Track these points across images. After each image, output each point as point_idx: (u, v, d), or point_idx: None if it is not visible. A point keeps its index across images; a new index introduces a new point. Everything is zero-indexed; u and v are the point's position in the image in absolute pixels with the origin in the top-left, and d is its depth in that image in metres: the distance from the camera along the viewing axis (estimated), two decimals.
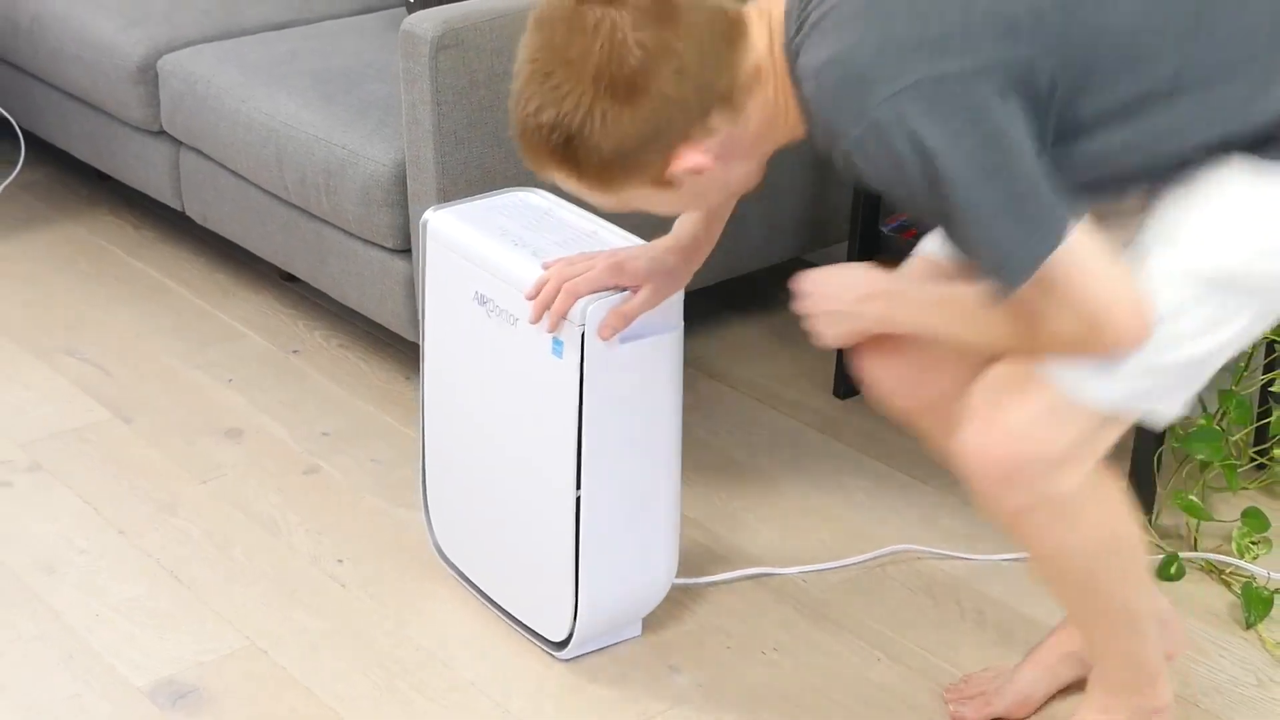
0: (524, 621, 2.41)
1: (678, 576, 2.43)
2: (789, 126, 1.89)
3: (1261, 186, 1.83)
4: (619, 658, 2.38)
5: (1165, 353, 1.83)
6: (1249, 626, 2.44)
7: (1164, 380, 1.87)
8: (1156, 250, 1.85)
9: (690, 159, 1.83)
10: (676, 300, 2.23)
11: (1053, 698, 2.25)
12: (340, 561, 2.60)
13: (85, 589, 2.52)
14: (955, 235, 1.79)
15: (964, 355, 2.00)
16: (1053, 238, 1.75)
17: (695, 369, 3.11)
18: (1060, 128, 1.78)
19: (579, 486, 2.22)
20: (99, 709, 2.28)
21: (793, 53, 1.83)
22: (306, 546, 2.63)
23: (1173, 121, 1.81)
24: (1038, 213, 1.75)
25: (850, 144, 1.75)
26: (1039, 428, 1.86)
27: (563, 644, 2.34)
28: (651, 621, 2.44)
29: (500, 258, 2.26)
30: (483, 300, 2.28)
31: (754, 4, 1.89)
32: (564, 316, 2.14)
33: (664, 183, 1.86)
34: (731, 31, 1.84)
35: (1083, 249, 1.77)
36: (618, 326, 2.15)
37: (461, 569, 2.50)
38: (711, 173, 1.87)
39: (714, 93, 1.83)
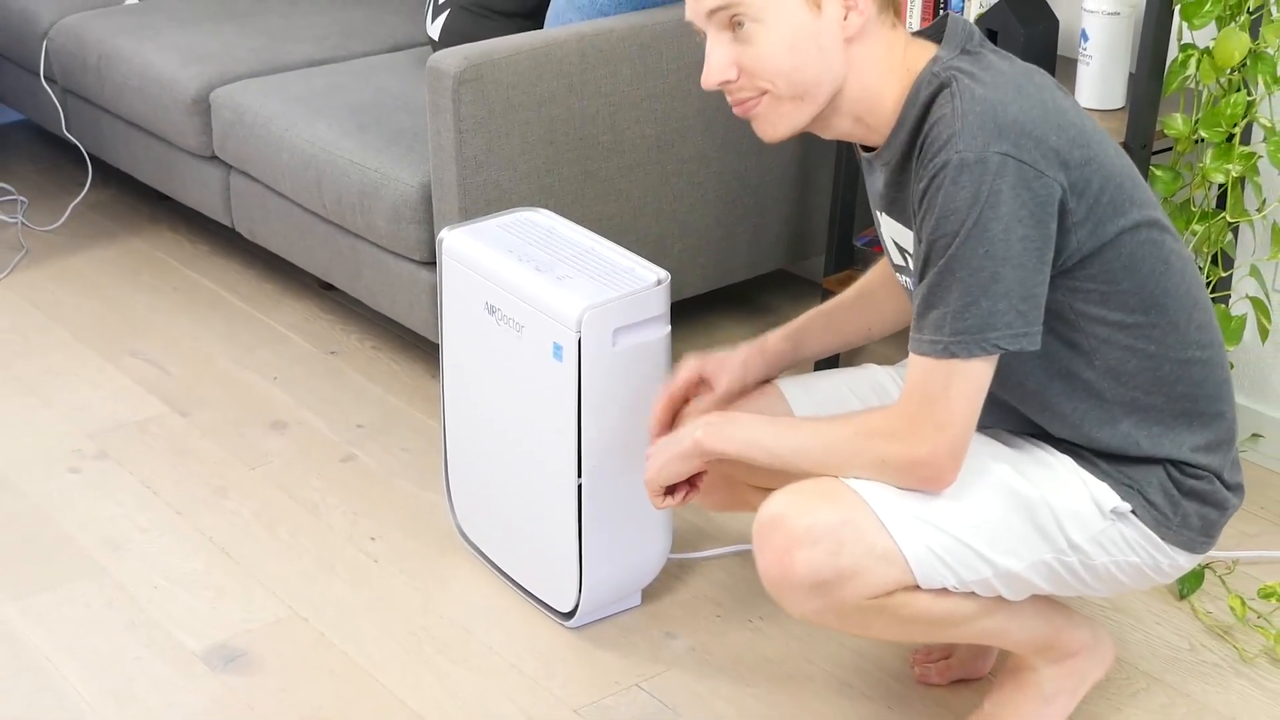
0: (535, 594, 2.41)
1: (672, 552, 2.43)
2: (876, 101, 1.84)
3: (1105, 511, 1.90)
4: (620, 625, 2.38)
5: (972, 538, 1.85)
6: (1182, 598, 2.44)
7: (960, 561, 1.87)
8: (993, 458, 1.90)
9: None
10: (664, 305, 2.22)
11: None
12: (373, 540, 2.60)
13: (147, 564, 2.53)
14: (935, 283, 1.76)
15: (779, 474, 1.94)
16: (1008, 342, 1.75)
17: None
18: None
19: (580, 475, 2.23)
20: (159, 670, 2.29)
21: (942, 68, 1.79)
22: (343, 526, 2.64)
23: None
24: (1018, 315, 1.74)
25: (956, 159, 1.72)
26: (839, 543, 1.84)
27: (570, 614, 2.35)
28: (650, 593, 2.44)
29: (507, 272, 2.27)
30: (492, 310, 2.29)
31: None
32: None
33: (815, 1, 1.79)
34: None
35: (984, 380, 1.78)
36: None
37: (480, 547, 2.51)
38: (851, 24, 1.79)
39: None
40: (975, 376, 1.77)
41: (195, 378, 3.11)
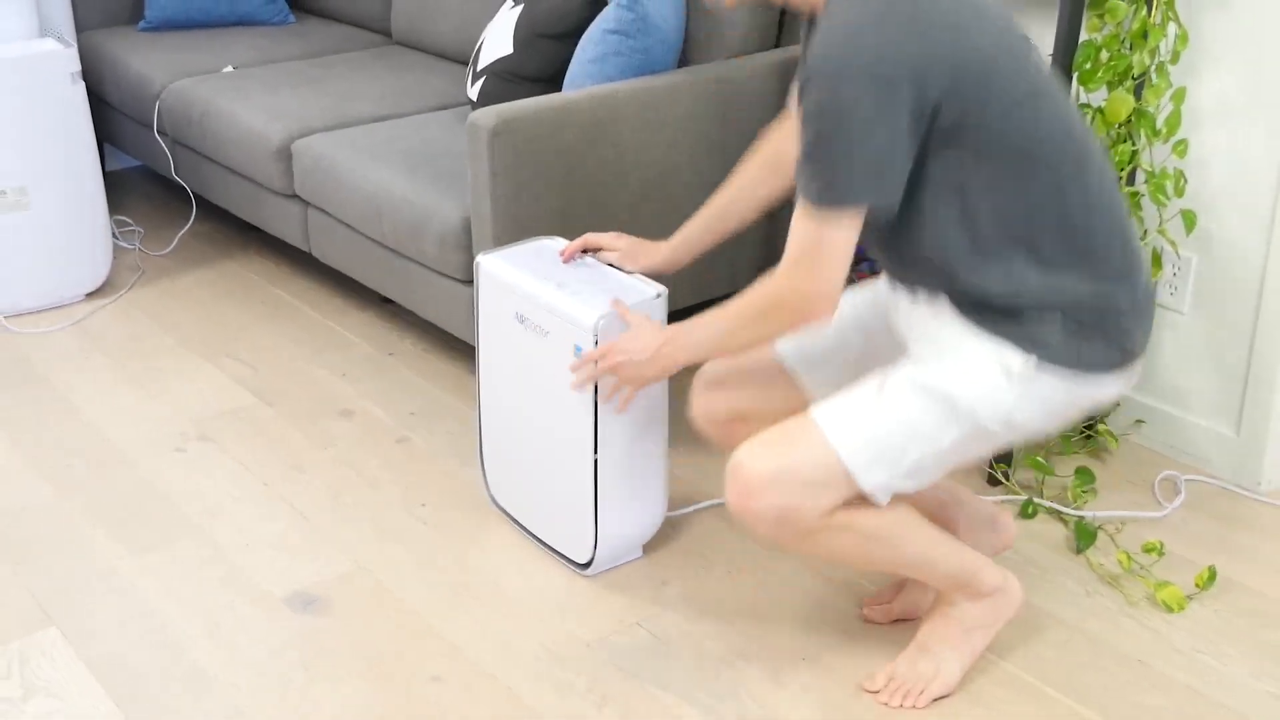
0: (556, 548, 2.42)
1: (669, 510, 2.44)
2: None
3: (1003, 360, 1.85)
4: (624, 574, 2.39)
5: (901, 440, 1.87)
6: (1079, 552, 2.45)
7: (893, 459, 1.88)
8: (912, 363, 1.90)
9: None
10: (663, 313, 2.24)
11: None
12: (423, 506, 2.61)
13: (238, 526, 2.55)
14: (808, 154, 1.76)
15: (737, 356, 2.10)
16: (867, 198, 1.76)
17: None
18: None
19: (596, 451, 2.24)
20: (249, 612, 2.31)
21: None
22: (398, 496, 2.65)
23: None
24: (875, 180, 1.75)
25: (823, 68, 1.72)
26: (791, 472, 1.87)
27: (586, 564, 2.36)
28: (648, 547, 2.45)
29: (534, 289, 2.28)
30: (521, 319, 2.30)
31: None
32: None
33: None
34: None
35: (851, 230, 1.78)
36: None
37: (509, 511, 2.52)
38: None
39: None
40: (844, 226, 1.78)
41: (278, 375, 3.13)
